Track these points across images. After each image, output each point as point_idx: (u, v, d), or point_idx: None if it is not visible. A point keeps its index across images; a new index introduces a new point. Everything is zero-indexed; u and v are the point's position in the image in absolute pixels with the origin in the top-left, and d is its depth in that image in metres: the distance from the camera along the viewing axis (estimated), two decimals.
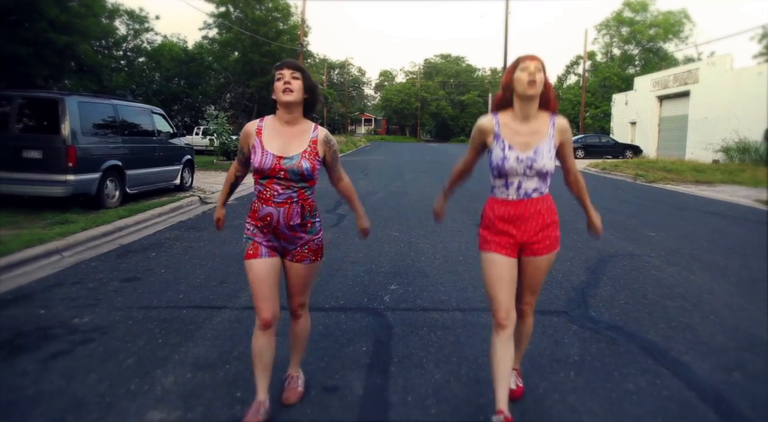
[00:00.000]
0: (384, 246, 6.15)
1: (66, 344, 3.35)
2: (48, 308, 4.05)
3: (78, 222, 6.92)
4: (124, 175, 8.85)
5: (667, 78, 28.87)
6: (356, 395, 2.70)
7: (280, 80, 2.38)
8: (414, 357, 3.14)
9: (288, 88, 2.36)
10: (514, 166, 2.32)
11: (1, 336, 3.47)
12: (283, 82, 2.37)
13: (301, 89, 2.39)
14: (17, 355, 3.19)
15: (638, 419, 2.48)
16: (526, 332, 2.64)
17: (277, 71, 2.42)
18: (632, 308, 4.05)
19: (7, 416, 2.50)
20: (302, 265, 2.49)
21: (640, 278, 4.91)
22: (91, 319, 3.79)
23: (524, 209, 2.35)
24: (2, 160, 7.57)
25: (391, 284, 4.60)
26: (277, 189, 2.38)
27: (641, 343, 3.37)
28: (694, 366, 3.04)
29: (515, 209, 2.35)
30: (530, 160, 2.31)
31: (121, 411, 2.56)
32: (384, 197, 10.73)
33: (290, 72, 2.39)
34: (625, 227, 7.65)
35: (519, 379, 2.71)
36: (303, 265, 2.49)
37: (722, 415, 2.51)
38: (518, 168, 2.31)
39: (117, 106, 9.14)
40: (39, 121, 7.83)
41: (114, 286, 4.63)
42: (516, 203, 2.35)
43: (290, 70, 2.40)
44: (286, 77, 2.38)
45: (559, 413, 2.54)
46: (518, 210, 2.35)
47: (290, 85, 2.36)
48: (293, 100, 2.37)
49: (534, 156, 2.31)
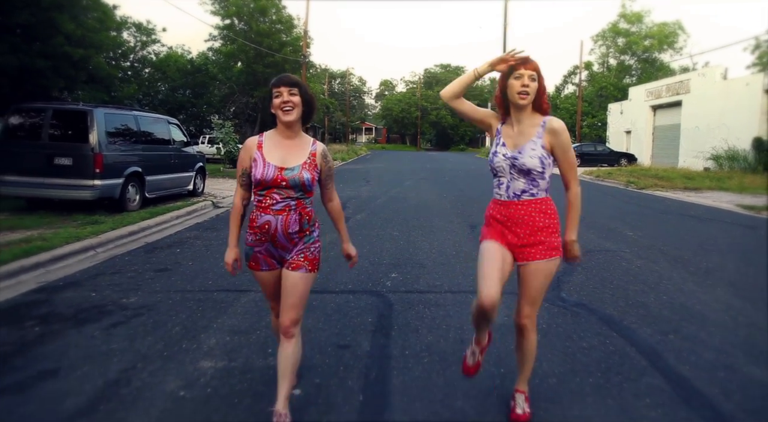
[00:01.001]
0: (385, 243, 6.83)
1: (121, 317, 4.03)
2: (97, 292, 4.72)
3: (106, 222, 7.60)
4: (144, 181, 9.54)
5: (660, 88, 29.66)
6: (364, 350, 3.38)
7: (278, 97, 2.40)
8: (411, 325, 3.82)
9: (287, 108, 2.39)
10: (501, 162, 2.41)
11: (65, 312, 4.15)
12: (282, 101, 2.39)
13: (300, 104, 2.42)
14: (83, 325, 3.86)
15: (587, 366, 3.15)
16: (530, 349, 2.53)
17: (275, 88, 2.42)
18: (598, 291, 4.73)
19: (89, 364, 3.17)
20: (298, 274, 2.46)
21: (610, 268, 5.59)
22: (137, 300, 4.47)
23: (515, 210, 2.38)
24: (36, 167, 8.28)
25: (392, 273, 5.29)
26: (275, 198, 2.41)
27: (600, 316, 4.05)
28: (638, 331, 3.71)
29: (506, 209, 2.41)
30: (513, 158, 2.37)
31: (178, 361, 3.23)
32: (385, 202, 11.42)
33: (287, 89, 2.40)
34: (607, 228, 8.34)
35: (527, 404, 2.56)
36: (299, 274, 2.46)
37: (652, 362, 3.19)
38: (503, 165, 2.40)
39: (137, 116, 9.88)
40: (69, 130, 8.52)
41: (149, 275, 5.31)
42: (507, 203, 2.41)
43: (287, 87, 2.40)
44: (284, 96, 2.39)
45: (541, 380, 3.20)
46: (509, 211, 2.40)
47: (289, 104, 2.39)
48: (293, 120, 2.41)
49: (517, 154, 2.37)
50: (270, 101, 2.44)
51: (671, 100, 28.07)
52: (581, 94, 39.35)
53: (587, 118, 42.31)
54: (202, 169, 12.20)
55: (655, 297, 4.56)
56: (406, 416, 2.59)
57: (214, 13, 31.62)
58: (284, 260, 2.50)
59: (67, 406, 2.66)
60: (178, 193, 11.25)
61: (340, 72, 75.50)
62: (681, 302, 4.42)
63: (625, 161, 29.94)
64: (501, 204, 2.44)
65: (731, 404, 2.71)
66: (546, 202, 2.42)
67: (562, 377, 2.99)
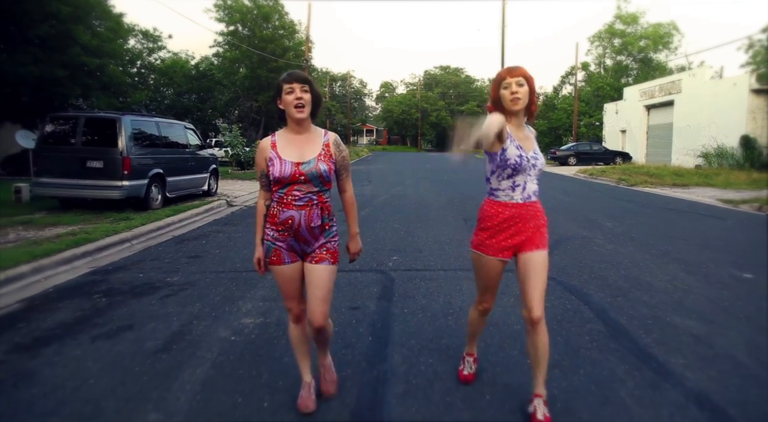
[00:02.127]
0: (387, 233, 7.69)
1: (169, 291, 4.88)
2: (143, 273, 5.58)
3: (136, 219, 8.46)
4: (165, 182, 10.41)
5: (653, 88, 30.49)
6: (371, 310, 4.24)
7: (290, 94, 2.42)
8: (408, 294, 4.67)
9: (300, 105, 2.42)
10: (525, 164, 2.45)
11: (122, 288, 5.01)
12: (295, 97, 2.42)
13: (311, 101, 2.45)
14: (140, 296, 4.72)
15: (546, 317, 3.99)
16: (544, 344, 2.54)
17: (286, 84, 2.43)
18: (568, 267, 5.58)
19: (155, 322, 4.02)
20: (322, 266, 2.52)
21: (582, 251, 6.44)
22: (179, 279, 5.33)
23: (527, 211, 2.51)
24: (70, 170, 9.15)
25: (393, 256, 6.15)
26: (297, 194, 2.45)
27: (565, 285, 4.90)
28: (593, 296, 4.57)
29: (520, 210, 2.50)
30: (534, 159, 2.49)
31: (224, 319, 4.08)
32: (387, 199, 12.28)
33: (300, 86, 2.43)
34: (588, 219, 9.19)
35: (546, 408, 2.50)
36: (323, 266, 2.52)
37: (597, 315, 4.04)
38: (527, 166, 2.46)
39: (158, 122, 10.76)
40: (100, 136, 9.39)
41: (184, 261, 6.17)
42: (521, 205, 2.50)
43: (300, 83, 2.43)
44: (297, 92, 2.42)
45: (505, 316, 4.03)
46: (522, 211, 2.50)
47: (302, 100, 2.42)
48: (305, 117, 2.45)
49: (536, 155, 2.52)
50: (279, 96, 2.46)
51: (664, 99, 28.90)
52: (577, 94, 40.18)
53: (585, 118, 43.14)
54: (215, 170, 13.08)
55: (614, 272, 5.42)
56: (403, 348, 3.44)
57: (219, 20, 32.55)
58: (306, 254, 2.54)
59: (147, 347, 3.52)
60: (194, 193, 12.11)
61: (341, 74, 76.47)
62: (635, 275, 5.27)
63: (620, 159, 30.77)
64: (515, 206, 2.50)
65: (649, 339, 3.56)
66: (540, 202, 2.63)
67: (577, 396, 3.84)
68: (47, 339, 3.67)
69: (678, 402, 2.73)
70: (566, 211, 10.32)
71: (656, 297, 4.52)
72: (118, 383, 2.98)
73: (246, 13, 32.37)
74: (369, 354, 3.37)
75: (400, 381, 2.96)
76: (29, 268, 5.45)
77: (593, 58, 50.88)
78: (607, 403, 2.73)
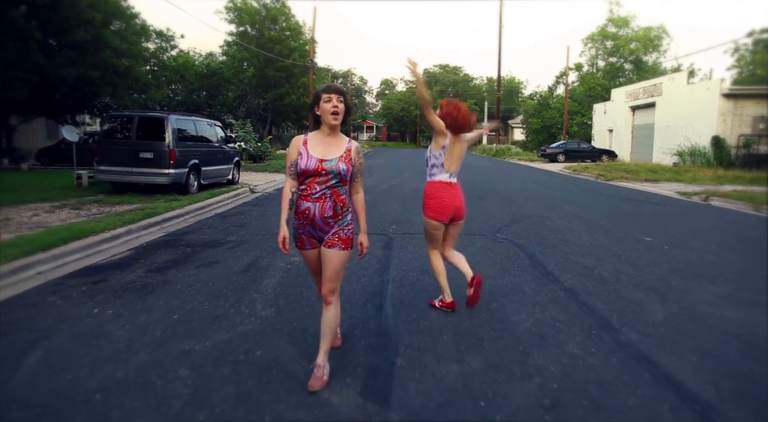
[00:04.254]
0: (388, 211, 9.66)
1: (232, 244, 6.83)
2: (207, 236, 7.53)
3: (182, 201, 10.39)
4: (200, 170, 12.34)
5: (638, 90, 32.43)
6: (378, 253, 6.19)
7: (329, 102, 2.83)
8: (404, 249, 6.62)
9: (336, 113, 2.84)
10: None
11: (196, 243, 6.95)
12: (332, 106, 2.83)
13: (344, 111, 2.88)
14: (211, 248, 6.66)
15: (500, 261, 5.96)
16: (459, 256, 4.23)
17: (325, 94, 2.85)
18: (522, 234, 7.55)
19: (231, 259, 5.97)
20: (333, 251, 2.87)
21: (537, 225, 8.41)
22: (235, 239, 7.27)
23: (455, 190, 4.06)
24: (126, 159, 11.09)
25: (393, 225, 8.12)
26: (315, 187, 2.83)
27: (515, 243, 6.86)
28: (532, 249, 6.54)
29: (454, 188, 4.03)
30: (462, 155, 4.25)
31: (279, 258, 6.01)
32: (387, 188, 14.24)
33: (337, 97, 2.84)
34: (552, 204, 11.16)
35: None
36: (334, 251, 2.87)
37: (531, 260, 6.01)
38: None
39: (195, 120, 12.70)
40: (151, 132, 11.30)
41: (233, 228, 8.12)
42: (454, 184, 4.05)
43: (337, 95, 2.85)
44: (334, 101, 2.84)
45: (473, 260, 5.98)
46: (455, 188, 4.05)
47: (338, 109, 2.84)
48: (339, 124, 2.89)
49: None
50: (317, 104, 2.88)
51: (647, 101, 30.84)
52: (567, 95, 42.06)
53: (577, 117, 45.07)
54: (238, 162, 15.02)
55: (553, 236, 7.40)
56: (398, 270, 5.40)
57: (229, 21, 34.39)
58: (322, 239, 2.93)
59: (234, 270, 5.46)
60: (220, 181, 14.04)
61: (342, 72, 78.28)
62: (567, 238, 7.25)
63: (606, 157, 32.68)
64: (450, 184, 4.05)
65: (555, 268, 5.53)
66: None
67: (483, 267, 5.81)
68: (166, 267, 5.63)
69: (557, 296, 4.68)
70: (537, 198, 12.30)
71: (573, 249, 6.51)
72: (226, 284, 4.94)
73: (254, 15, 34.22)
74: (377, 273, 5.34)
75: (396, 284, 4.92)
76: (124, 230, 7.39)
77: (587, 60, 52.92)
78: (517, 291, 4.69)
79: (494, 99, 52.16)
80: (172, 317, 4.01)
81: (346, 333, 3.67)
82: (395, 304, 4.37)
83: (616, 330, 3.76)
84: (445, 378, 3.00)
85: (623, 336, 3.65)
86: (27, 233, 6.79)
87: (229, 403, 2.70)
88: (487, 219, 8.83)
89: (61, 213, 8.74)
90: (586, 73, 51.36)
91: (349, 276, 5.13)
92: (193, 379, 2.96)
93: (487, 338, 3.60)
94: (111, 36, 19.40)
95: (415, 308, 4.27)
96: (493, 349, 3.41)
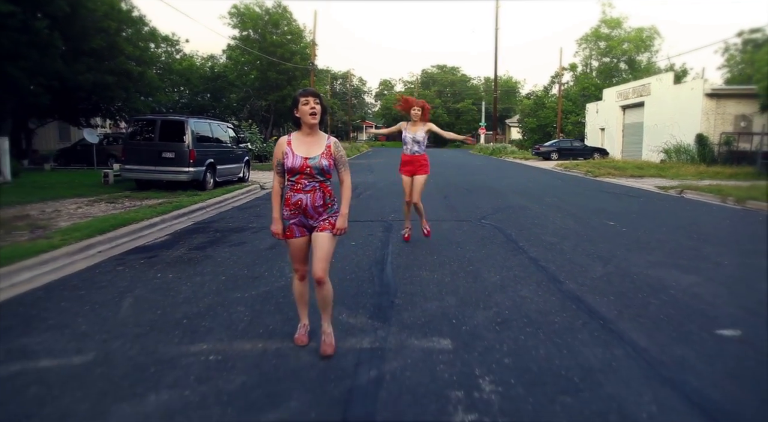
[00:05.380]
0: (387, 203, 10.83)
1: (254, 230, 7.99)
2: (232, 223, 8.70)
3: (201, 196, 11.56)
4: (216, 169, 13.51)
5: (627, 90, 33.62)
6: (379, 235, 7.36)
7: (306, 105, 3.17)
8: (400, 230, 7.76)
9: (314, 113, 3.17)
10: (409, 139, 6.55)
11: (223, 229, 8.12)
12: (310, 107, 3.16)
13: (320, 112, 3.21)
14: (238, 232, 7.82)
15: (481, 239, 7.13)
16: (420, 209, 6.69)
17: (302, 97, 3.19)
18: (504, 220, 8.72)
19: (256, 240, 7.14)
20: (324, 234, 3.23)
21: (518, 213, 9.59)
22: (256, 225, 8.44)
23: (414, 158, 6.52)
24: (150, 159, 12.25)
25: (391, 214, 9.30)
26: (304, 182, 3.19)
27: (496, 227, 8.03)
28: (508, 230, 7.71)
29: (412, 158, 6.54)
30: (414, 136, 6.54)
31: None
32: (386, 185, 15.41)
33: (314, 99, 3.18)
34: (535, 197, 12.33)
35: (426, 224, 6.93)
36: (324, 234, 3.23)
37: (507, 238, 7.18)
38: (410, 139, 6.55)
39: (210, 123, 13.88)
40: (172, 134, 12.47)
41: (252, 218, 9.28)
42: (412, 156, 6.55)
43: (314, 97, 3.19)
44: (311, 103, 3.17)
45: (450, 241, 7.15)
46: (413, 158, 6.53)
47: (315, 110, 3.17)
48: (317, 123, 3.22)
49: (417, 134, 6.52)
50: (296, 107, 3.20)
51: (636, 101, 32.02)
52: (561, 95, 43.25)
53: (572, 116, 46.28)
54: (248, 161, 16.19)
55: (529, 221, 8.58)
56: (396, 245, 6.57)
57: (233, 26, 35.57)
58: (312, 228, 3.27)
59: (261, 248, 6.63)
60: (232, 179, 15.21)
61: (341, 73, 79.45)
62: (541, 222, 8.43)
63: (597, 155, 33.81)
64: (410, 156, 6.56)
65: (526, 243, 6.71)
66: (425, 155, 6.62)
67: (467, 243, 6.98)
68: (204, 247, 6.80)
69: (522, 262, 5.84)
70: (523, 192, 13.49)
71: (544, 231, 7.69)
72: (256, 257, 6.10)
73: (257, 20, 35.38)
74: (379, 248, 6.52)
75: (395, 255, 6.09)
76: (159, 219, 8.56)
77: (581, 60, 54.08)
78: (491, 259, 5.86)
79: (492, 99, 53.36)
80: (220, 278, 5.18)
81: (357, 290, 4.83)
82: (394, 269, 5.54)
83: (560, 282, 4.94)
84: (428, 309, 4.17)
85: (565, 286, 4.83)
86: (80, 221, 7.97)
87: (278, 324, 3.87)
88: (474, 209, 10.01)
89: (100, 206, 9.92)
90: (581, 73, 52.50)
91: (357, 251, 6.32)
92: (249, 312, 4.14)
93: (462, 287, 4.78)
94: (124, 43, 20.58)
95: (409, 271, 5.44)
96: (466, 293, 4.58)
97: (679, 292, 4.65)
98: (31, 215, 8.54)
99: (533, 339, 3.54)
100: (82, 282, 5.05)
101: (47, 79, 17.24)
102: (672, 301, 4.40)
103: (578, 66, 53.57)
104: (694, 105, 25.71)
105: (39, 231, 7.16)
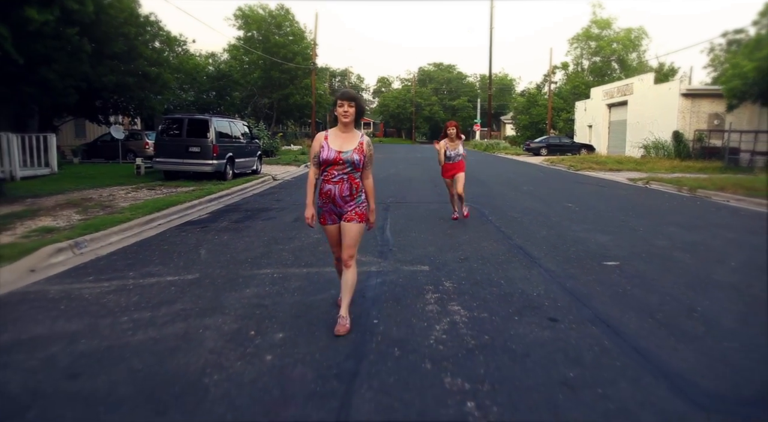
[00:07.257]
0: (387, 190, 12.66)
1: (278, 209, 9.81)
2: (257, 205, 10.51)
3: (225, 185, 13.36)
4: (234, 162, 15.31)
5: (613, 89, 35.48)
6: (380, 214, 9.17)
7: (341, 107, 3.58)
8: (399, 210, 9.62)
9: (347, 114, 3.58)
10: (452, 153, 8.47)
11: (252, 209, 9.93)
12: (343, 110, 3.57)
13: (354, 113, 3.61)
14: (266, 211, 9.64)
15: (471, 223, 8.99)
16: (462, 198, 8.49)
17: (339, 99, 3.60)
18: (483, 203, 10.56)
19: (283, 215, 8.96)
20: (352, 224, 3.64)
21: (496, 198, 11.43)
22: (278, 205, 10.26)
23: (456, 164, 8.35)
24: (178, 152, 14.05)
25: (390, 198, 11.15)
26: (334, 173, 3.61)
27: (477, 209, 9.87)
28: (486, 211, 9.56)
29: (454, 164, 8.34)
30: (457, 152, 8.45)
31: None
32: (385, 176, 17.23)
33: (348, 102, 3.57)
34: (515, 186, 14.19)
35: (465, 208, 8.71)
36: (352, 224, 3.64)
37: (484, 216, 9.03)
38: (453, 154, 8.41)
39: (230, 121, 15.71)
40: (197, 130, 14.25)
41: (274, 202, 11.10)
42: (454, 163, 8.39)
43: (349, 101, 3.58)
44: (345, 106, 3.57)
45: (436, 216, 8.98)
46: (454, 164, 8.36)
47: (347, 112, 3.57)
48: (349, 122, 3.62)
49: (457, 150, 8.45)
50: (334, 107, 3.65)
51: (621, 99, 33.87)
52: (551, 94, 45.12)
53: (563, 114, 48.11)
54: (260, 155, 18.00)
55: (505, 204, 10.43)
56: (394, 220, 8.41)
57: (238, 28, 37.31)
58: (342, 215, 3.67)
59: (287, 221, 8.45)
60: (246, 171, 17.00)
61: (340, 70, 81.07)
62: (513, 205, 10.28)
63: (584, 151, 35.67)
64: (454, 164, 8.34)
65: (495, 218, 8.56)
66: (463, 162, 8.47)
67: (449, 217, 8.83)
68: (241, 220, 8.61)
69: (488, 228, 7.68)
70: (505, 182, 15.36)
71: (513, 210, 9.56)
72: (285, 227, 7.93)
73: (261, 21, 37.11)
74: (379, 220, 8.35)
75: (392, 223, 7.92)
76: (197, 202, 10.37)
77: (572, 59, 55.91)
78: (465, 225, 7.70)
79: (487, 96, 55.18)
80: (263, 238, 7.02)
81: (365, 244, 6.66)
82: (392, 232, 7.40)
83: (511, 239, 6.82)
84: (415, 253, 6.04)
85: (513, 241, 6.71)
86: (135, 202, 9.79)
87: (314, 260, 5.72)
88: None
89: (142, 192, 11.73)
90: (572, 71, 54.34)
91: None
92: (292, 255, 5.97)
93: (440, 242, 6.66)
94: (143, 47, 22.31)
95: (403, 234, 7.31)
96: (443, 245, 6.45)
97: (592, 245, 6.55)
98: (94, 198, 10.36)
99: (482, 266, 5.42)
100: (161, 242, 6.88)
101: (76, 80, 18.96)
102: (584, 249, 6.29)
103: (570, 65, 55.42)
104: (671, 104, 27.57)
105: (108, 209, 8.98)
